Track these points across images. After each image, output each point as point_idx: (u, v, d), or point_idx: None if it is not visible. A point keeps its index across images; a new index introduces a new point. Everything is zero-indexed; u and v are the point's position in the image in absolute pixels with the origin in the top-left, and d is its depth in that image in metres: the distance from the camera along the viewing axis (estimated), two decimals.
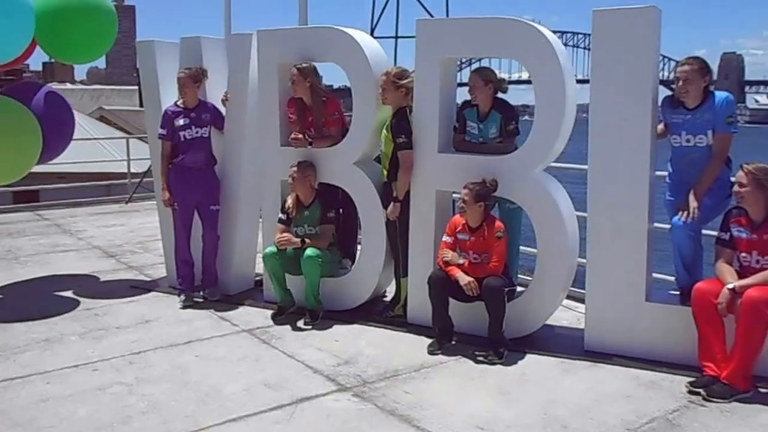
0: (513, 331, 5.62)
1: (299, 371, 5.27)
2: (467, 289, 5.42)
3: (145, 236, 10.33)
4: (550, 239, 5.67)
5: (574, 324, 6.26)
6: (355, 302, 6.55)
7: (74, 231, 10.93)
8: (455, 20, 5.90)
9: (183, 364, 5.43)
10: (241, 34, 6.93)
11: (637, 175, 5.30)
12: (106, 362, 5.46)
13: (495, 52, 6.07)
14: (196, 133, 6.85)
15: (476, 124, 6.00)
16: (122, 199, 13.88)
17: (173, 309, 6.82)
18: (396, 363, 5.39)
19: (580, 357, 5.47)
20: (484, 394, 4.86)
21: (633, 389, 4.92)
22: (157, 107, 7.26)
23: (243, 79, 6.91)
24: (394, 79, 6.01)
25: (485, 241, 5.58)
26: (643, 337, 5.37)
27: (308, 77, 6.38)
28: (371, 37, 6.65)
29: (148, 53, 7.39)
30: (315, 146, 6.47)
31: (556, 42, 5.60)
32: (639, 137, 5.27)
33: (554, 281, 5.74)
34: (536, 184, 5.66)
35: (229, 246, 7.19)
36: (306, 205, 6.45)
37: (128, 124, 23.60)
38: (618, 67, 5.26)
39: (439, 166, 5.97)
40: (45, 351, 5.70)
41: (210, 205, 6.99)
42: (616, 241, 5.40)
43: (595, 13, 5.30)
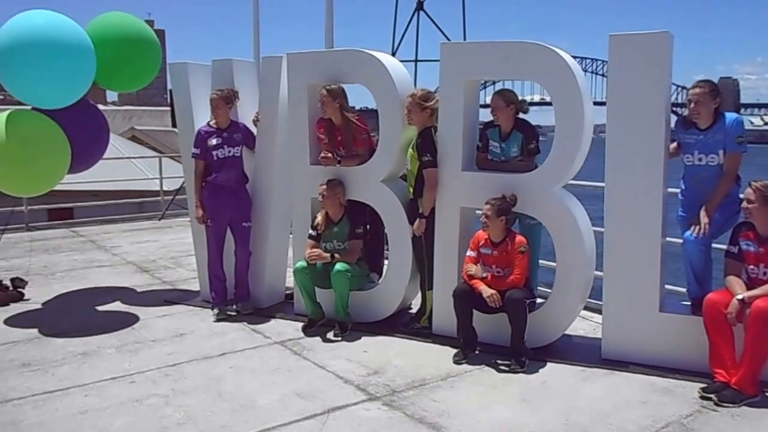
0: (534, 340, 5.82)
1: (330, 381, 5.45)
2: (490, 301, 5.62)
3: (178, 252, 10.61)
4: (569, 253, 5.87)
5: (590, 333, 6.47)
6: (382, 314, 6.76)
7: (109, 247, 11.22)
8: (478, 44, 6.11)
9: (217, 375, 5.59)
10: (272, 56, 7.17)
11: (651, 192, 5.50)
12: (143, 374, 5.61)
13: (516, 75, 6.25)
14: (229, 153, 7.10)
15: (498, 144, 6.21)
16: (155, 215, 14.20)
17: (207, 322, 7.03)
18: (423, 372, 5.58)
19: (597, 365, 5.67)
20: (508, 402, 5.04)
21: (648, 395, 5.10)
22: (190, 127, 7.51)
23: (273, 99, 7.16)
24: (419, 101, 6.24)
25: (508, 255, 5.78)
26: (657, 345, 5.56)
27: (337, 98, 6.62)
28: (396, 60, 6.88)
29: (181, 75, 7.67)
30: (343, 165, 6.71)
31: (575, 64, 5.81)
32: (653, 156, 5.47)
33: (573, 293, 5.94)
34: (556, 200, 5.86)
35: (260, 261, 7.42)
36: (335, 222, 6.68)
37: (159, 144, 23.93)
38: (633, 88, 5.46)
39: (462, 183, 6.18)
40: (83, 364, 5.86)
41: (242, 222, 7.22)
42: (632, 254, 5.59)
43: (611, 38, 5.51)
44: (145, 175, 16.15)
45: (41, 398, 5.19)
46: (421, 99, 6.25)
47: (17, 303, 7.82)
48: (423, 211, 6.29)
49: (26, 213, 12.79)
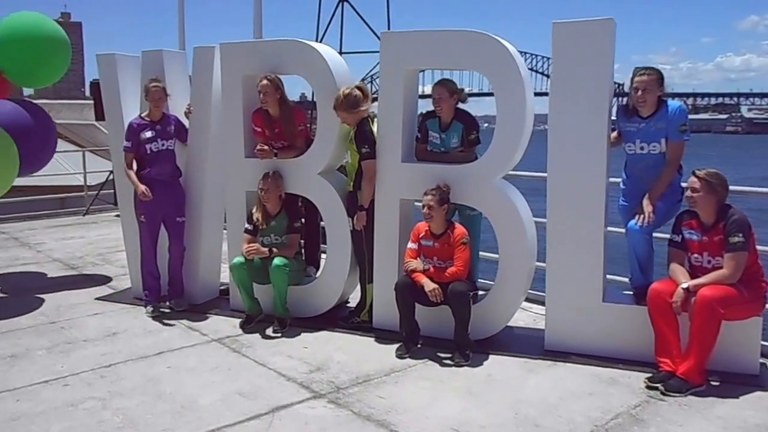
0: (477, 333, 5.80)
1: (272, 379, 5.34)
2: (432, 295, 5.58)
3: (106, 248, 10.32)
4: (511, 244, 5.86)
5: (530, 324, 6.49)
6: (321, 309, 6.66)
7: (33, 244, 10.85)
8: (419, 33, 6.02)
9: (155, 375, 5.44)
10: (205, 46, 6.98)
11: (594, 181, 5.52)
12: (77, 377, 5.42)
13: (458, 64, 6.21)
14: (162, 146, 6.90)
15: (438, 134, 6.17)
16: (79, 211, 13.79)
17: (140, 320, 6.83)
18: (366, 368, 5.51)
19: (541, 356, 5.67)
20: (455, 396, 5.00)
21: (594, 386, 5.11)
22: (119, 119, 7.31)
23: (206, 91, 6.98)
24: (348, 109, 6.15)
25: (449, 247, 5.74)
26: (600, 336, 5.59)
27: (279, 88, 6.49)
28: (333, 50, 6.77)
29: (109, 66, 7.42)
30: (280, 157, 6.57)
31: (517, 54, 5.78)
32: (596, 145, 5.49)
33: (515, 284, 5.93)
34: (497, 191, 5.84)
35: (194, 256, 7.25)
36: (273, 216, 6.55)
37: (80, 138, 23.26)
38: (576, 76, 5.46)
39: (402, 175, 6.12)
40: (12, 367, 5.65)
41: (176, 217, 7.05)
42: (574, 245, 5.61)
43: (555, 26, 5.50)
44: (67, 169, 15.64)
45: None
46: (350, 105, 6.14)
47: None
48: (362, 204, 6.21)
49: None
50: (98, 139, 22.23)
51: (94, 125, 23.12)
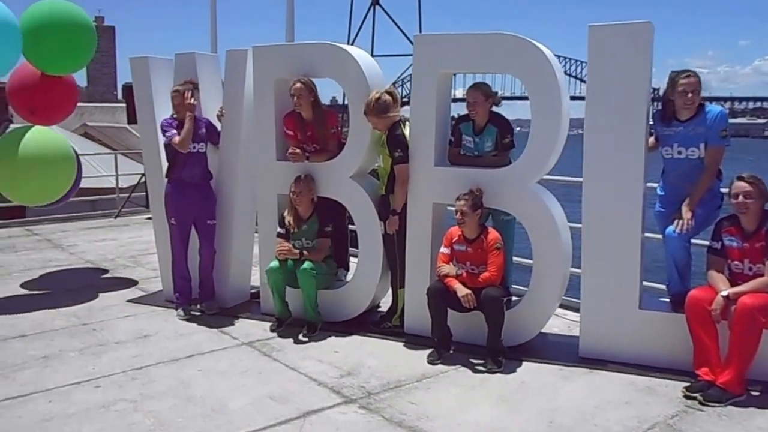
0: (510, 339, 5.71)
1: (303, 384, 5.31)
2: (464, 301, 5.51)
3: (137, 250, 10.37)
4: (546, 249, 5.78)
5: (565, 331, 6.40)
6: (352, 313, 6.62)
7: (66, 246, 10.93)
8: (452, 36, 5.97)
9: (186, 378, 5.42)
10: (238, 50, 6.97)
11: (630, 186, 5.42)
12: (108, 378, 5.43)
13: (492, 67, 6.15)
14: (193, 148, 6.88)
15: (472, 138, 6.10)
16: (111, 213, 13.89)
17: (171, 323, 6.83)
18: (398, 373, 5.45)
19: (575, 364, 5.58)
20: (488, 403, 4.93)
21: (631, 395, 5.02)
22: (152, 122, 7.33)
23: (238, 94, 6.98)
24: (378, 114, 6.10)
25: (482, 252, 5.68)
26: (636, 343, 5.49)
27: (312, 91, 6.46)
28: (366, 53, 6.73)
29: (142, 69, 7.44)
30: (312, 160, 6.55)
31: (552, 57, 5.71)
32: (633, 150, 5.39)
33: (550, 290, 5.85)
34: (532, 196, 5.77)
35: (225, 260, 7.24)
36: (304, 219, 6.52)
37: (112, 140, 23.53)
38: (613, 80, 5.38)
39: (435, 179, 6.06)
40: (45, 368, 5.66)
41: (207, 220, 7.04)
42: (610, 250, 5.52)
43: (591, 29, 5.42)
44: (99, 172, 15.78)
45: (3, 405, 4.98)
46: (381, 111, 6.08)
47: None
48: (395, 208, 6.16)
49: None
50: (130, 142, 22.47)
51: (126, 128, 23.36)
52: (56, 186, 8.16)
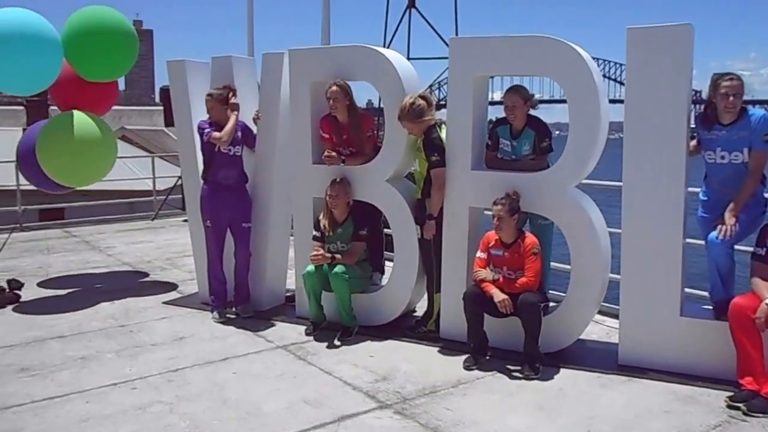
0: (547, 345, 5.64)
1: (338, 388, 5.28)
2: (501, 306, 5.45)
3: (174, 252, 10.45)
4: (584, 255, 5.69)
5: (603, 338, 6.29)
6: (387, 318, 6.58)
7: (103, 247, 11.06)
8: (489, 39, 5.92)
9: (221, 381, 5.43)
10: (274, 53, 6.99)
11: (671, 191, 5.32)
12: (144, 380, 5.46)
13: (529, 70, 6.07)
14: (229, 151, 6.90)
15: (509, 142, 6.04)
16: (148, 215, 14.04)
17: (207, 325, 6.86)
18: (433, 379, 5.40)
19: (614, 371, 5.49)
20: (525, 410, 4.86)
21: (671, 404, 4.91)
22: (189, 124, 7.38)
23: (274, 97, 6.98)
24: (413, 119, 6.04)
25: (519, 257, 5.61)
26: (677, 351, 5.38)
27: (348, 95, 6.44)
28: (402, 56, 6.69)
29: (179, 73, 7.48)
30: (348, 164, 6.52)
31: (590, 60, 5.63)
32: (674, 153, 5.29)
33: (588, 296, 5.76)
34: (570, 200, 5.68)
35: (260, 262, 7.25)
36: (340, 223, 6.50)
37: (149, 143, 23.79)
38: (653, 84, 5.28)
39: (471, 183, 6.00)
40: (82, 369, 5.71)
41: (242, 222, 7.05)
42: (651, 256, 5.42)
43: (629, 31, 5.33)
44: (136, 174, 15.98)
45: (41, 405, 5.03)
46: (415, 116, 6.03)
47: (13, 305, 7.67)
48: (432, 212, 6.11)
49: (20, 213, 12.60)
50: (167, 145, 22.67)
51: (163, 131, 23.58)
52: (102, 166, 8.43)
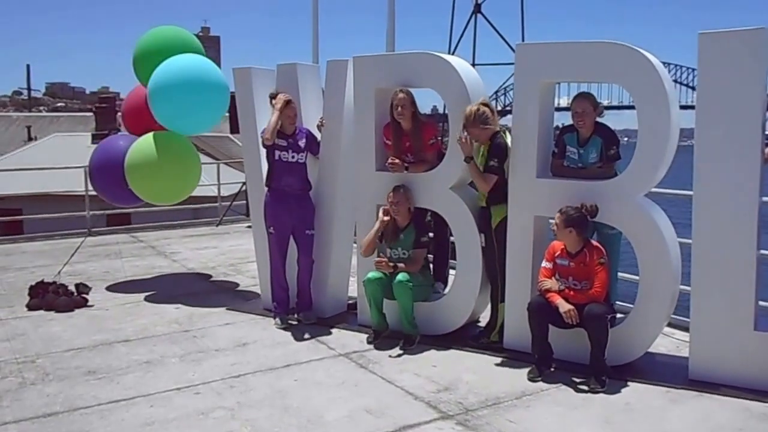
0: (614, 358, 5.51)
1: (399, 397, 5.24)
2: (567, 317, 5.35)
3: (238, 258, 10.53)
4: (653, 265, 5.55)
5: (673, 351, 6.13)
6: (450, 327, 6.51)
7: (168, 253, 11.20)
8: (555, 45, 5.83)
9: (283, 388, 5.44)
10: (338, 60, 6.99)
11: (745, 200, 5.16)
12: (207, 385, 5.49)
13: (597, 77, 5.98)
14: (293, 158, 6.93)
15: (576, 149, 5.93)
16: (213, 221, 14.20)
17: (269, 331, 6.88)
18: (496, 390, 5.33)
19: (685, 386, 5.33)
20: (590, 424, 4.76)
21: (746, 421, 4.75)
22: (254, 131, 7.41)
23: (338, 104, 6.99)
24: (480, 125, 5.97)
25: (586, 267, 5.50)
26: (751, 367, 5.21)
27: (414, 102, 6.43)
28: (467, 63, 6.63)
29: (245, 80, 7.53)
30: (411, 171, 6.49)
31: (660, 66, 5.50)
32: (747, 162, 5.13)
33: (657, 308, 5.61)
34: (639, 209, 5.55)
35: (323, 270, 7.25)
36: (401, 229, 6.46)
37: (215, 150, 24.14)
38: (725, 90, 5.14)
39: (536, 191, 5.91)
40: (147, 373, 5.78)
41: (305, 230, 7.06)
42: (723, 268, 5.26)
43: (701, 36, 5.20)
44: (202, 180, 16.18)
45: (107, 408, 5.11)
46: (481, 122, 5.95)
47: (81, 309, 7.79)
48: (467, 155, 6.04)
49: (88, 218, 12.85)
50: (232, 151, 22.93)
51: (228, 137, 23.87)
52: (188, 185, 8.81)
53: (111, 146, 8.90)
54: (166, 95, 7.90)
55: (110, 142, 9.15)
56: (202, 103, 8.01)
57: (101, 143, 9.46)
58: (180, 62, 8.03)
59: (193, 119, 8.19)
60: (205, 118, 8.33)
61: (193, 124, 8.38)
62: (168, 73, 7.93)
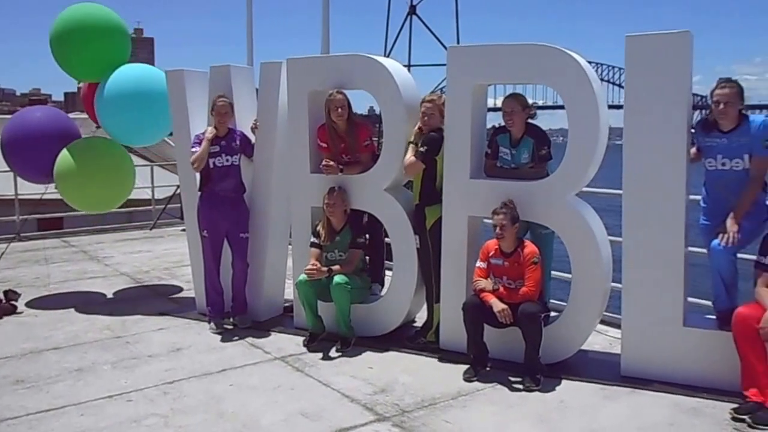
0: (548, 356, 5.57)
1: (336, 400, 5.22)
2: (501, 316, 5.39)
3: (172, 262, 10.37)
4: (585, 264, 5.63)
5: (606, 348, 6.22)
6: (386, 328, 6.51)
7: (101, 257, 10.98)
8: (486, 47, 5.88)
9: (218, 393, 5.37)
10: (272, 62, 6.94)
11: (673, 198, 5.27)
12: (140, 392, 5.40)
13: (528, 79, 6.01)
14: (227, 161, 6.85)
15: (509, 150, 5.99)
16: (146, 225, 13.97)
17: (204, 336, 6.79)
18: (432, 391, 5.34)
19: (617, 383, 5.42)
20: (526, 423, 4.80)
21: (676, 416, 4.85)
22: (186, 134, 7.31)
23: (272, 106, 6.93)
24: (442, 107, 6.05)
25: (519, 266, 5.55)
26: (681, 362, 5.32)
27: (350, 104, 6.42)
28: (400, 65, 6.64)
29: (177, 82, 7.42)
30: (346, 173, 6.47)
31: (588, 67, 5.59)
32: (674, 161, 5.25)
33: (590, 306, 5.70)
34: (570, 209, 5.63)
35: (258, 273, 7.18)
36: (337, 231, 6.44)
37: (148, 152, 23.69)
38: (652, 91, 5.25)
39: (470, 191, 5.95)
40: (78, 381, 5.66)
41: (240, 233, 6.98)
42: (652, 265, 5.36)
43: (628, 39, 5.30)
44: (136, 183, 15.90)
45: (36, 417, 4.99)
46: (444, 104, 6.05)
47: (10, 316, 7.61)
48: None
49: (18, 222, 12.54)
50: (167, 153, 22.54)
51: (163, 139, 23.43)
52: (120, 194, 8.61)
53: (25, 117, 8.63)
54: (118, 110, 7.83)
55: (26, 113, 8.87)
56: (155, 117, 7.91)
57: (16, 114, 9.20)
58: (133, 72, 7.95)
59: (146, 133, 8.20)
60: (157, 131, 8.32)
61: (146, 138, 8.45)
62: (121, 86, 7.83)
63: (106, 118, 8.00)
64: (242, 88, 7.25)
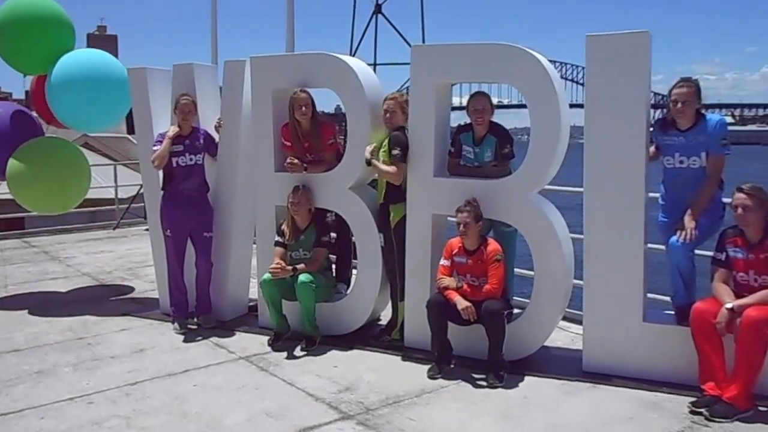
0: (511, 353, 5.61)
1: (300, 399, 5.21)
2: (464, 314, 5.42)
3: (135, 262, 10.28)
4: (547, 261, 5.68)
5: (568, 345, 6.28)
6: (351, 327, 6.52)
7: (63, 258, 10.86)
8: (449, 46, 5.92)
9: (181, 394, 5.34)
10: (235, 60, 6.91)
11: (632, 196, 5.34)
12: (102, 394, 5.35)
13: (490, 77, 6.05)
14: (190, 160, 6.82)
15: (472, 148, 6.02)
16: (110, 224, 13.84)
17: (167, 336, 6.75)
18: (397, 388, 5.35)
19: (579, 378, 5.48)
20: (489, 419, 4.83)
21: (635, 410, 4.91)
22: (149, 133, 7.24)
23: (236, 105, 6.91)
24: (404, 105, 6.08)
25: (483, 264, 5.59)
26: (641, 357, 5.39)
27: (313, 103, 6.41)
28: (364, 63, 6.65)
29: (140, 80, 7.36)
30: (310, 171, 6.47)
31: (550, 67, 5.64)
32: (634, 159, 5.31)
33: (552, 302, 5.75)
34: (532, 206, 5.68)
35: (222, 272, 7.15)
36: (302, 230, 6.43)
37: (112, 150, 23.49)
38: (612, 90, 5.31)
39: (434, 190, 5.97)
40: (38, 384, 5.60)
41: (203, 232, 6.95)
42: (613, 262, 5.42)
43: (588, 39, 5.36)
44: (99, 182, 15.71)
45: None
46: (407, 102, 6.08)
47: None
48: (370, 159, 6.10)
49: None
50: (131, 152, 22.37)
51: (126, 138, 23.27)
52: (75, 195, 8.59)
53: None
54: (66, 89, 7.73)
55: None
56: (105, 98, 7.85)
57: None
58: (82, 56, 7.89)
59: (94, 115, 8.05)
60: (107, 114, 8.21)
61: (95, 121, 8.28)
62: (69, 67, 7.74)
63: (56, 101, 7.93)
64: (206, 87, 7.22)
